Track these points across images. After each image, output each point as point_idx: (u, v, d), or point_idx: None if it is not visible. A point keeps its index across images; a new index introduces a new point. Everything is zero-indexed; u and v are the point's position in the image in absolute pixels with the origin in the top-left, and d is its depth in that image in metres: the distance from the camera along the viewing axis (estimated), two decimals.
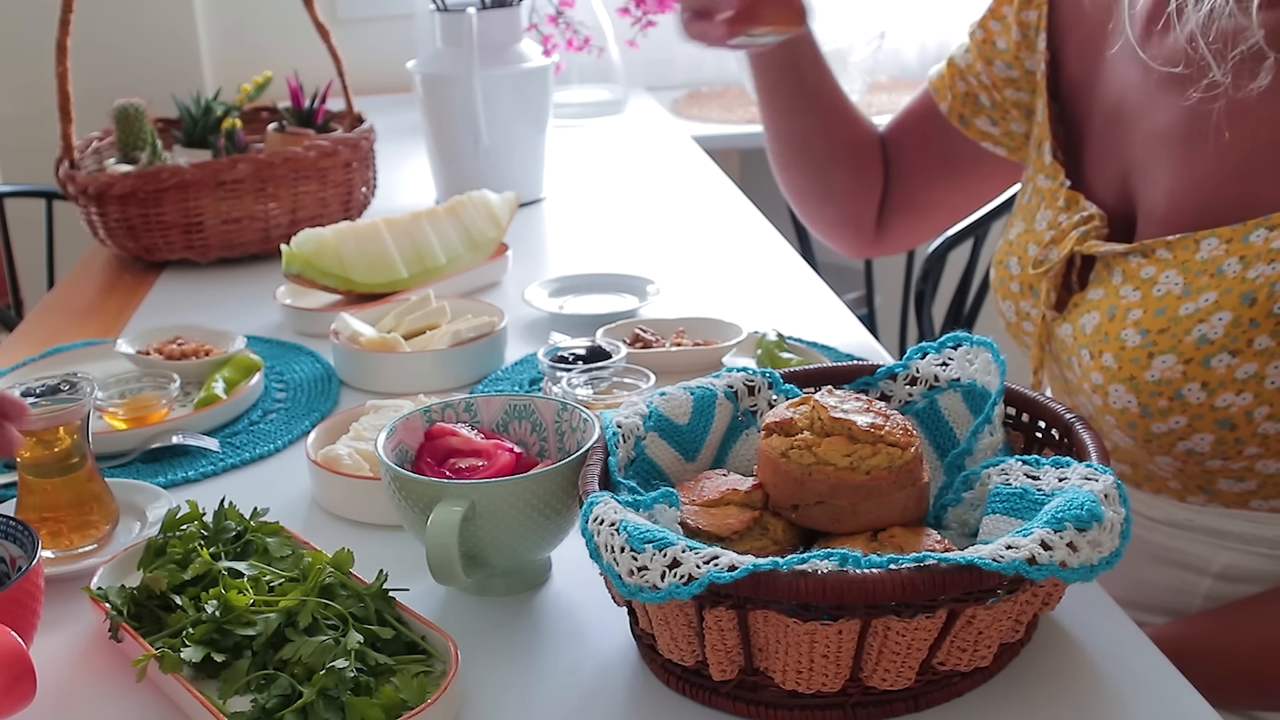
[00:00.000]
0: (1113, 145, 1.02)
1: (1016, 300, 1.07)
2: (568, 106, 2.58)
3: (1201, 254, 0.90)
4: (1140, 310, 0.93)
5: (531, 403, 0.90)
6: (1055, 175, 1.05)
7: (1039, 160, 1.09)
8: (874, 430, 0.74)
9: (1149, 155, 0.98)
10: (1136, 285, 0.94)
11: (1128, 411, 0.94)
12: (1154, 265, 0.93)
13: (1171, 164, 0.95)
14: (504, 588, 0.85)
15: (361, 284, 1.40)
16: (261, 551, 0.84)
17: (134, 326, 1.42)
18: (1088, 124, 1.06)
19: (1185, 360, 0.90)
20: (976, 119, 1.20)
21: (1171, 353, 0.90)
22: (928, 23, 3.09)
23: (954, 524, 0.80)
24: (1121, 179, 1.01)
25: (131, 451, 1.07)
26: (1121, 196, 1.01)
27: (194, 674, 0.73)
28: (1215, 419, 0.90)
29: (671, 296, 1.43)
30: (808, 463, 0.74)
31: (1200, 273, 0.90)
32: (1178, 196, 0.95)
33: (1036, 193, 1.08)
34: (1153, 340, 0.91)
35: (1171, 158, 0.95)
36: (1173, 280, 0.92)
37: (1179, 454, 0.94)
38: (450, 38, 1.76)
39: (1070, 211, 1.02)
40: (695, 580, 0.64)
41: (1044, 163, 1.08)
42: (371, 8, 2.88)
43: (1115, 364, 0.94)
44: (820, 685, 0.68)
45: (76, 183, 1.57)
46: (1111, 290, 0.96)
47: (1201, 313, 0.89)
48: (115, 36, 2.61)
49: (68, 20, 1.51)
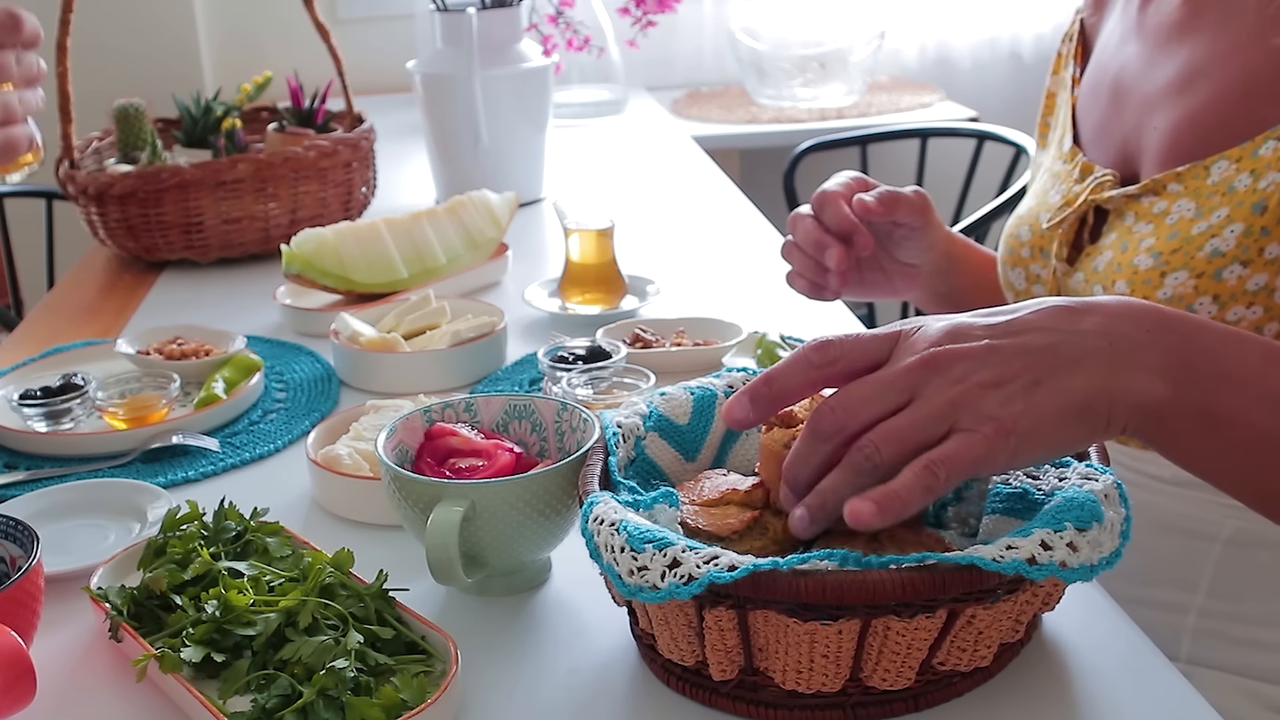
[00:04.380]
0: (1114, 116, 1.04)
1: (1026, 265, 1.08)
2: (568, 106, 2.58)
3: (1212, 178, 0.92)
4: (1153, 238, 0.94)
5: (531, 403, 0.90)
6: (1071, 157, 1.07)
7: (1058, 151, 1.11)
8: None
9: (1147, 111, 1.00)
10: (1149, 220, 0.95)
11: None
12: (1166, 199, 0.95)
13: (1171, 108, 0.97)
14: (504, 588, 0.85)
15: (361, 284, 1.40)
16: (261, 551, 0.84)
17: (134, 326, 1.42)
18: (1088, 112, 1.09)
19: (1197, 275, 0.90)
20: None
21: (1184, 269, 0.91)
22: (928, 23, 3.09)
23: (954, 524, 0.80)
24: (1122, 144, 1.03)
25: (131, 451, 1.07)
26: (1123, 159, 1.03)
27: (194, 674, 0.73)
28: None
29: (671, 296, 1.43)
30: None
31: (1212, 194, 0.91)
32: (1181, 132, 0.96)
33: (1051, 175, 1.10)
34: (1165, 260, 0.92)
35: (1171, 103, 0.98)
36: (1185, 207, 0.93)
37: None
38: (450, 38, 1.76)
39: (1083, 179, 1.04)
40: (695, 580, 0.64)
41: (1062, 151, 1.10)
42: (371, 8, 2.88)
43: (1128, 289, 0.94)
44: (820, 685, 0.68)
45: (76, 183, 1.57)
46: (1124, 230, 0.98)
47: (1214, 228, 0.90)
48: (115, 36, 2.61)
49: (68, 20, 1.51)
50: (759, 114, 2.76)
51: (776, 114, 2.76)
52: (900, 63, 3.10)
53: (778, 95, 2.82)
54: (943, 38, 3.10)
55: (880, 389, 0.66)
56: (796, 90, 2.81)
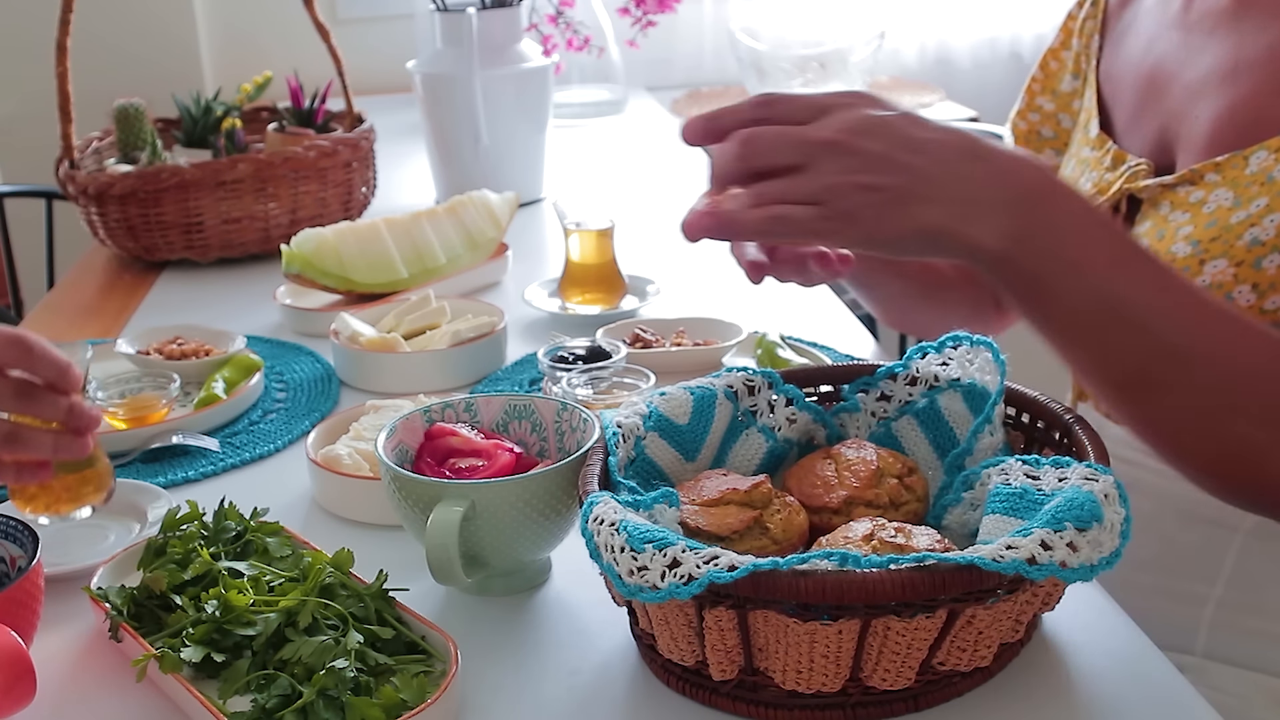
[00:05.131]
0: (1151, 104, 1.04)
1: None
2: (568, 106, 2.58)
3: (1251, 168, 0.91)
4: (1190, 227, 0.94)
5: (531, 403, 0.90)
6: (1101, 144, 1.07)
7: (1084, 137, 1.11)
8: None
9: (1190, 99, 0.99)
10: (1186, 209, 0.95)
11: None
12: (1203, 189, 0.94)
13: (1216, 97, 0.97)
14: (504, 588, 0.85)
15: (361, 284, 1.40)
16: (261, 551, 0.84)
17: (134, 326, 1.42)
18: (1117, 101, 1.09)
19: (1236, 263, 0.90)
20: (1041, 154, 1.21)
21: (1223, 257, 0.91)
22: (928, 23, 3.09)
23: (954, 524, 0.80)
24: (1160, 132, 1.03)
25: (131, 451, 1.07)
26: (1160, 148, 1.03)
27: (194, 674, 0.73)
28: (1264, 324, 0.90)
29: (671, 296, 1.43)
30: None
31: (1250, 184, 0.91)
32: (1220, 120, 0.96)
33: (1080, 163, 1.10)
34: (1204, 249, 0.92)
35: (1216, 92, 0.97)
36: (1223, 196, 0.93)
37: None
38: (450, 38, 1.76)
39: (1115, 168, 1.04)
40: (695, 580, 0.64)
41: (1089, 137, 1.10)
42: (371, 8, 2.88)
43: None
44: (820, 685, 0.68)
45: (76, 183, 1.57)
46: (1160, 219, 0.97)
47: (1253, 218, 0.90)
48: (115, 36, 2.61)
49: (68, 20, 1.51)
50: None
51: None
52: (900, 63, 3.09)
53: None
54: (943, 38, 3.10)
55: (785, 145, 0.75)
56: (797, 90, 2.81)
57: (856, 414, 0.89)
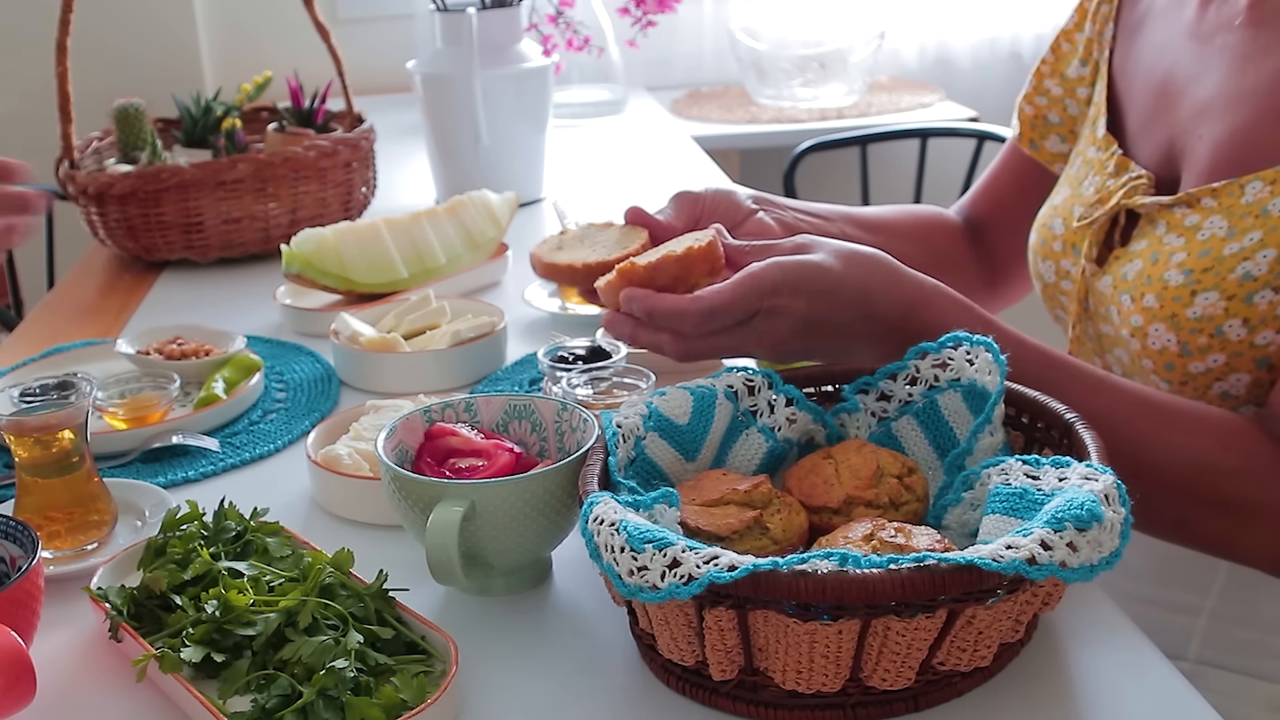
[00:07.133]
0: (1161, 114, 1.04)
1: (1057, 259, 1.07)
2: (568, 106, 2.58)
3: (1246, 197, 0.91)
4: (1184, 253, 0.94)
5: (531, 403, 0.90)
6: (1107, 146, 1.07)
7: (1091, 135, 1.11)
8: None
9: (1197, 117, 0.99)
10: (1180, 233, 0.95)
11: (1166, 351, 0.94)
12: (1199, 213, 0.94)
13: (1221, 119, 0.97)
14: (504, 588, 0.85)
15: (361, 284, 1.40)
16: (261, 551, 0.84)
17: (134, 326, 1.42)
18: (1129, 102, 1.08)
19: (1228, 297, 0.91)
20: (1046, 140, 1.21)
21: (1215, 289, 0.91)
22: (928, 23, 3.09)
23: (954, 524, 0.80)
24: (1168, 145, 1.03)
25: (131, 451, 1.07)
26: (1167, 161, 1.03)
27: (194, 674, 0.73)
28: (1254, 358, 0.91)
29: None
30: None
31: (1245, 215, 0.91)
32: (1222, 146, 0.96)
33: (1086, 163, 1.09)
34: (1196, 279, 0.92)
35: (1219, 114, 0.97)
36: (1217, 224, 0.93)
37: (1214, 397, 0.94)
38: (450, 38, 1.76)
39: (1119, 175, 1.03)
40: (695, 580, 0.64)
41: (1096, 136, 1.09)
42: (371, 8, 2.88)
43: (1157, 303, 0.94)
44: (820, 685, 0.68)
45: (76, 183, 1.57)
46: (1155, 240, 0.97)
47: (1246, 251, 0.90)
48: (115, 36, 2.61)
49: (68, 20, 1.51)
50: (759, 114, 2.76)
51: (776, 114, 2.76)
52: (900, 63, 3.10)
53: (778, 95, 2.82)
54: (943, 38, 3.10)
55: (724, 348, 0.86)
56: (796, 90, 2.81)
57: (856, 414, 0.89)
